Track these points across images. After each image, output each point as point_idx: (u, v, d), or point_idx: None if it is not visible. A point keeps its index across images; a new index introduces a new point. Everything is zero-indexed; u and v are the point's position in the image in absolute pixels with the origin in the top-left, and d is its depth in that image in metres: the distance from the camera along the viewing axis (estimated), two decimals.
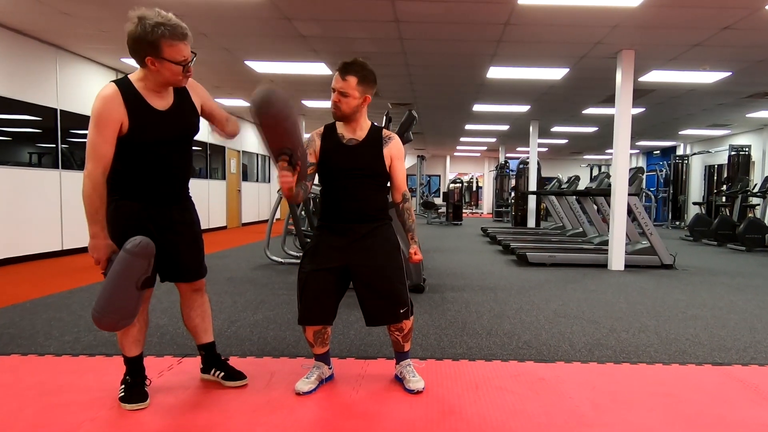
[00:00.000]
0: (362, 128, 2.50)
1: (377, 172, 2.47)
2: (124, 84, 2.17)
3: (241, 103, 11.36)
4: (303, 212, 7.88)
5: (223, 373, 2.58)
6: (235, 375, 2.58)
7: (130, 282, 2.07)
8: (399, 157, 2.51)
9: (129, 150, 2.17)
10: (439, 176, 25.32)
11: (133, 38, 2.10)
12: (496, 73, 8.12)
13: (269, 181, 16.08)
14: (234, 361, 2.90)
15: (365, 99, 2.45)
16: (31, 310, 4.12)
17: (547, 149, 20.38)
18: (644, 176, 15.75)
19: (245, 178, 14.19)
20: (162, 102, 2.24)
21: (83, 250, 7.60)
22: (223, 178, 12.76)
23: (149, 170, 2.24)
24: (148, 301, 2.38)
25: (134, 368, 2.36)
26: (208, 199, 11.80)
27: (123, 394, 2.32)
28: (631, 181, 6.99)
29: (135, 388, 2.33)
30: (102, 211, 2.12)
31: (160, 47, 2.10)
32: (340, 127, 2.52)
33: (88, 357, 2.98)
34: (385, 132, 2.53)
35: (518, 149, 20.43)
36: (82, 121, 7.62)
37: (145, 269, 2.10)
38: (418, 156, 19.94)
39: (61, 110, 7.15)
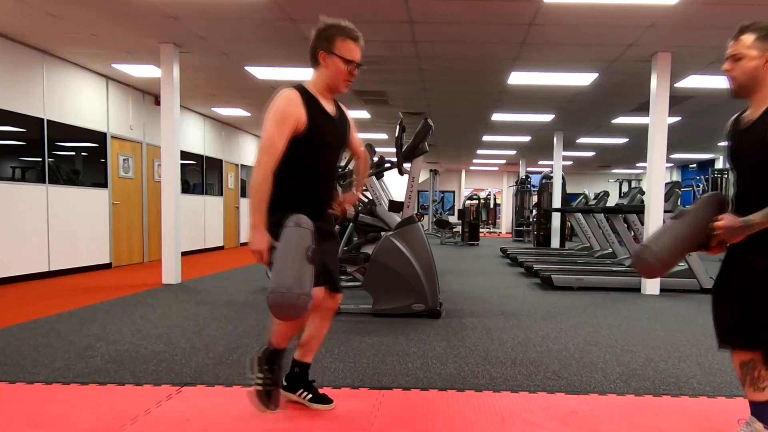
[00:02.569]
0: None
1: None
2: (300, 87, 2.46)
3: (239, 112, 11.50)
4: None
5: (310, 395, 2.71)
6: (325, 398, 2.72)
7: (301, 253, 2.22)
8: None
9: (299, 151, 2.40)
10: (454, 192, 25.37)
11: (312, 37, 2.47)
12: (518, 78, 8.18)
13: None
14: (237, 391, 2.93)
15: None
16: (18, 335, 4.16)
17: (572, 163, 20.40)
18: (680, 192, 15.74)
19: (244, 194, 14.28)
20: (330, 108, 2.51)
21: (71, 271, 7.69)
22: (220, 194, 12.86)
23: (314, 174, 2.46)
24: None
25: (274, 361, 2.54)
26: (204, 216, 11.89)
27: (260, 388, 2.49)
28: (666, 197, 7.00)
29: (273, 391, 2.51)
30: (266, 203, 2.34)
31: (334, 42, 2.43)
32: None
33: (80, 386, 3.01)
34: None
35: (540, 163, 20.47)
36: (70, 132, 7.75)
37: (311, 240, 2.25)
38: (431, 170, 20.03)
39: (48, 120, 7.27)
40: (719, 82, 8.17)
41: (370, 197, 5.98)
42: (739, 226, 2.03)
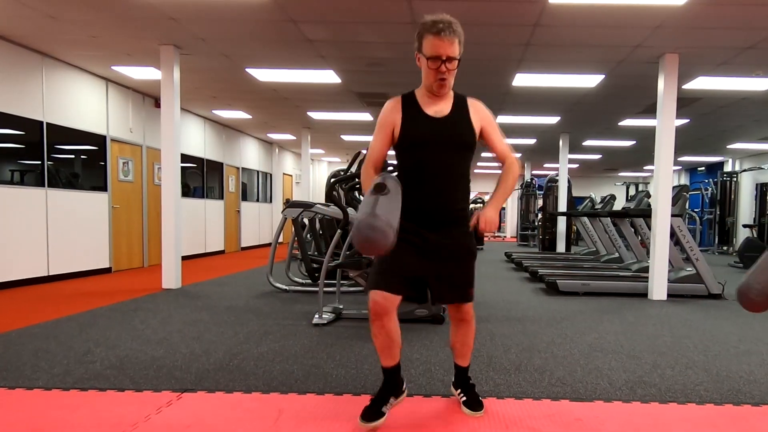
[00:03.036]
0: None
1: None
2: (407, 93, 2.55)
3: (241, 115, 11.55)
4: (309, 235, 7.95)
5: (465, 398, 2.81)
6: (474, 405, 2.77)
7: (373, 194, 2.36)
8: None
9: (402, 156, 2.50)
10: None
11: None
12: (522, 80, 8.21)
13: (271, 201, 16.22)
14: (238, 397, 2.95)
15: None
16: (16, 340, 4.19)
17: (578, 166, 20.40)
18: (688, 195, 15.72)
19: (245, 197, 14.33)
20: (435, 108, 2.51)
21: (70, 275, 7.73)
22: (221, 197, 12.90)
23: (418, 178, 2.48)
24: (395, 322, 2.50)
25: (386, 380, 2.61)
26: (204, 220, 11.93)
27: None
28: (674, 201, 7.00)
29: (374, 406, 2.57)
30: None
31: (421, 41, 2.44)
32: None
33: (80, 391, 3.04)
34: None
35: (546, 166, 20.48)
36: (70, 135, 7.79)
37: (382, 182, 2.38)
38: None
39: (47, 123, 7.31)
40: (728, 84, 8.19)
41: None
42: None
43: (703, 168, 19.86)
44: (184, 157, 10.51)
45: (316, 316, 4.96)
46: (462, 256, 2.58)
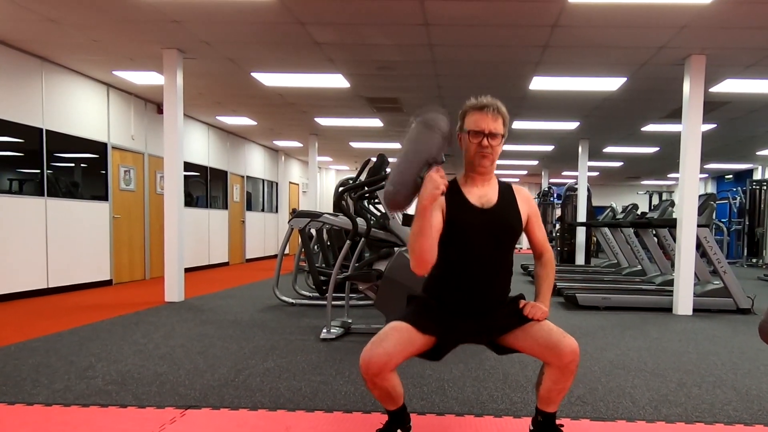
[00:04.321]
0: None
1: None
2: (452, 180, 2.47)
3: (246, 121, 11.63)
4: (317, 247, 7.99)
5: None
6: None
7: (418, 153, 2.37)
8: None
9: (441, 245, 2.37)
10: None
11: None
12: (540, 83, 8.23)
13: (277, 211, 16.30)
14: (244, 415, 2.98)
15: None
16: (16, 354, 4.24)
17: (598, 173, 20.35)
18: (715, 205, 15.64)
19: (250, 207, 14.41)
20: (480, 194, 2.46)
21: (71, 288, 7.81)
22: (225, 207, 12.98)
23: (458, 269, 2.43)
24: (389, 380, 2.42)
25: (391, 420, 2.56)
26: (208, 231, 12.00)
27: None
28: (700, 210, 6.97)
29: None
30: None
31: (464, 121, 2.43)
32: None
33: (81, 408, 3.07)
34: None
35: (564, 173, 20.43)
36: (70, 142, 7.88)
37: (435, 142, 2.37)
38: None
39: (47, 130, 7.42)
40: (758, 87, 8.15)
41: (383, 210, 6.03)
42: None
43: (731, 176, 19.75)
44: (188, 166, 10.57)
45: (324, 330, 4.98)
46: (516, 314, 2.47)
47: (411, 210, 2.48)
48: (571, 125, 11.43)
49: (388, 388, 2.38)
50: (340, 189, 6.44)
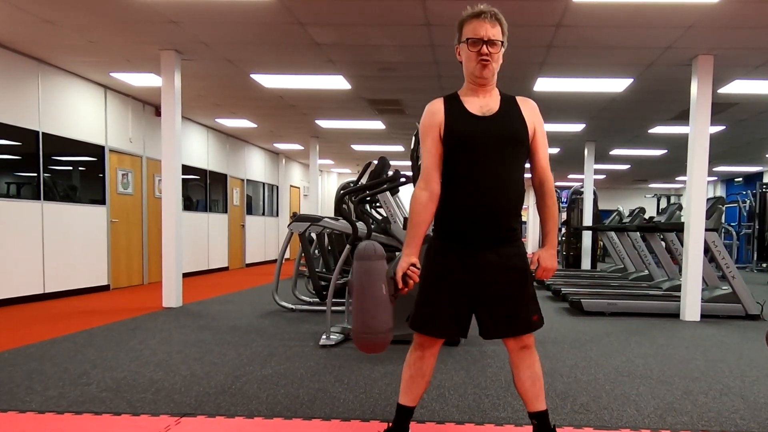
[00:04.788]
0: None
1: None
2: (449, 94, 2.47)
3: (245, 123, 11.65)
4: (317, 251, 7.99)
5: None
6: None
7: (374, 287, 2.43)
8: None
9: (446, 160, 2.38)
10: None
11: None
12: (544, 84, 8.23)
13: (277, 215, 16.31)
14: (240, 423, 2.97)
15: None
16: (10, 360, 4.25)
17: (605, 176, 20.33)
18: (724, 208, 15.61)
19: (249, 211, 14.42)
20: (481, 104, 2.41)
21: (67, 293, 7.82)
22: (225, 211, 13.00)
23: (463, 184, 2.36)
24: (435, 358, 2.50)
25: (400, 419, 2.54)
26: (207, 235, 12.02)
27: None
28: (708, 214, 6.96)
29: None
30: (416, 232, 2.38)
31: (461, 31, 2.40)
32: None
33: (74, 415, 3.08)
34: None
35: (570, 176, 20.42)
36: (67, 145, 7.90)
37: (384, 272, 2.44)
38: None
39: (43, 133, 7.43)
40: (767, 88, 8.14)
41: (385, 214, 6.03)
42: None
43: (740, 179, 19.71)
44: (186, 169, 10.61)
45: (324, 336, 4.98)
46: (516, 281, 2.41)
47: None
48: (577, 127, 11.43)
49: (429, 369, 2.47)
50: (342, 193, 6.44)
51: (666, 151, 14.07)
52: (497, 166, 2.34)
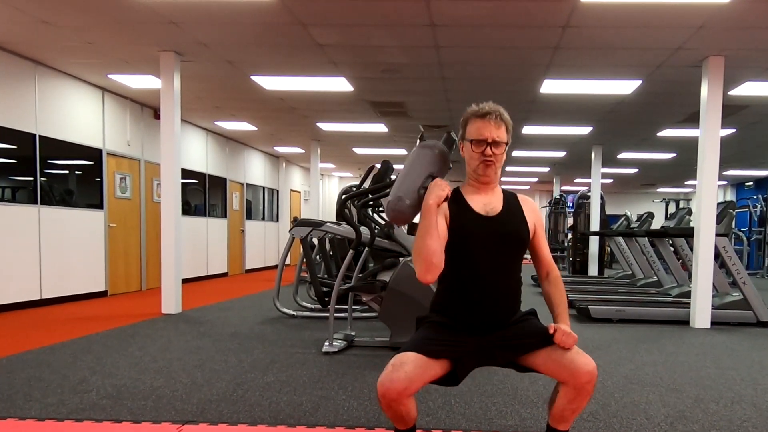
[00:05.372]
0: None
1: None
2: (455, 189, 2.49)
3: (245, 126, 11.69)
4: (319, 257, 8.01)
5: None
6: None
7: (420, 167, 2.58)
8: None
9: (447, 258, 2.36)
10: None
11: None
12: (551, 86, 8.25)
13: (277, 220, 16.33)
14: (242, 430, 3.00)
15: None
16: (8, 367, 4.27)
17: (612, 180, 20.34)
18: (735, 213, 15.58)
19: (249, 215, 14.45)
20: (484, 202, 2.46)
21: (64, 299, 7.85)
22: (224, 215, 13.03)
23: (464, 282, 2.41)
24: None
25: None
26: (206, 240, 12.04)
27: None
28: (719, 219, 6.97)
29: None
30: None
31: (465, 129, 2.45)
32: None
33: (74, 422, 3.10)
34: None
35: (577, 181, 20.43)
36: (64, 148, 7.94)
37: (436, 160, 2.61)
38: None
39: (40, 136, 7.47)
40: None
41: (387, 219, 6.05)
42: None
43: (751, 183, 19.71)
44: (185, 173, 10.61)
45: (326, 343, 5.00)
46: (530, 329, 2.45)
47: (416, 219, 2.48)
48: (584, 130, 11.44)
49: (403, 413, 2.33)
50: (343, 197, 6.46)
51: (675, 154, 14.08)
52: (498, 265, 2.43)
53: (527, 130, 11.39)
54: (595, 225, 13.68)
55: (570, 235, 15.86)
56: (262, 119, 11.07)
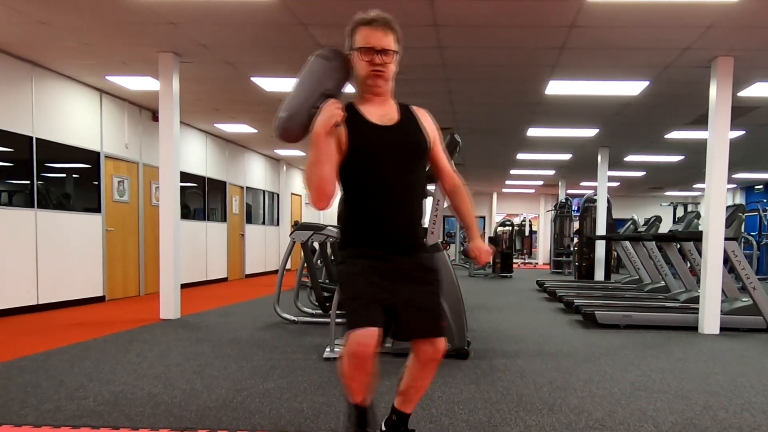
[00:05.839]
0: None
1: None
2: (348, 104, 2.47)
3: (245, 129, 11.70)
4: (320, 261, 8.01)
5: None
6: None
7: (313, 83, 2.49)
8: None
9: (346, 175, 2.41)
10: (484, 218, 25.36)
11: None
12: (556, 88, 8.25)
13: (278, 224, 16.34)
14: None
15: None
16: (3, 374, 4.28)
17: (619, 184, 20.32)
18: (744, 216, 15.53)
19: (249, 219, 14.46)
20: (380, 114, 2.45)
21: (61, 304, 7.86)
22: (224, 219, 13.04)
23: (369, 198, 2.42)
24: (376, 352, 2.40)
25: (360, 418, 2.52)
26: (205, 245, 12.05)
27: None
28: (728, 223, 6.96)
29: None
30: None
31: (353, 38, 2.42)
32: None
33: (71, 429, 3.10)
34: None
35: (582, 184, 20.42)
36: (61, 151, 7.96)
37: (334, 75, 2.51)
38: None
39: (37, 139, 7.49)
40: None
41: None
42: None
43: (760, 186, 19.69)
44: (184, 176, 10.64)
45: (328, 349, 5.00)
46: (430, 279, 2.51)
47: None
48: (590, 132, 11.44)
49: (371, 371, 2.38)
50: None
51: (683, 157, 14.07)
52: (401, 177, 2.42)
53: (532, 132, 11.40)
54: (601, 229, 13.68)
55: (576, 240, 15.86)
56: (262, 121, 11.08)
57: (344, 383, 2.44)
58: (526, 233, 24.17)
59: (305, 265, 7.10)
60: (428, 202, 5.25)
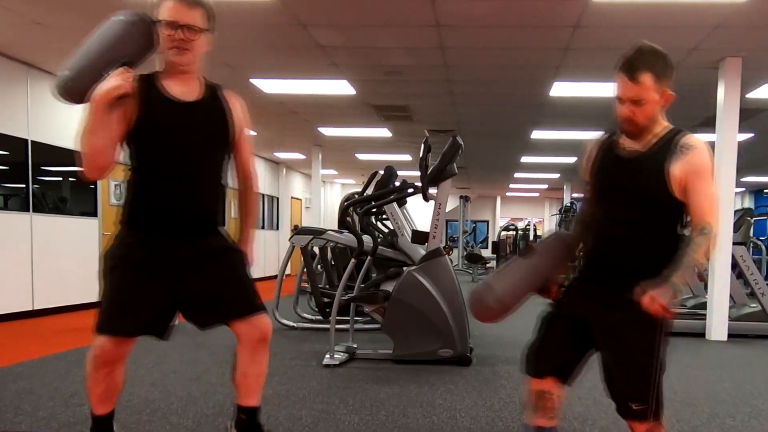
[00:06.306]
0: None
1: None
2: (148, 74, 2.36)
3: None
4: (320, 266, 8.01)
5: None
6: None
7: (107, 46, 2.30)
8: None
9: (135, 150, 2.35)
10: (487, 222, 25.37)
11: None
12: (561, 89, 8.24)
13: (277, 228, 16.35)
14: None
15: (665, 97, 2.26)
16: None
17: None
18: (753, 221, 15.48)
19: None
20: (179, 91, 2.35)
21: (57, 310, 7.85)
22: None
23: (156, 177, 2.37)
24: (124, 360, 2.48)
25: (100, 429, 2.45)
26: None
27: None
28: (736, 227, 6.96)
29: None
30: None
31: (159, 8, 2.27)
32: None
33: None
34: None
35: None
36: (57, 154, 7.94)
37: (133, 41, 2.33)
38: (461, 197, 20.07)
39: (32, 141, 7.49)
40: None
41: (391, 227, 6.06)
42: (670, 294, 1.99)
43: None
44: None
45: (327, 355, 5.00)
46: (229, 259, 2.55)
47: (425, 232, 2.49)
48: (595, 134, 11.38)
49: (119, 382, 2.42)
50: (345, 204, 6.48)
51: None
52: (195, 157, 2.37)
53: (536, 135, 11.40)
54: None
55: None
56: (261, 124, 11.07)
57: (87, 386, 2.45)
58: (531, 238, 24.11)
59: (305, 270, 7.10)
60: (430, 206, 5.26)
